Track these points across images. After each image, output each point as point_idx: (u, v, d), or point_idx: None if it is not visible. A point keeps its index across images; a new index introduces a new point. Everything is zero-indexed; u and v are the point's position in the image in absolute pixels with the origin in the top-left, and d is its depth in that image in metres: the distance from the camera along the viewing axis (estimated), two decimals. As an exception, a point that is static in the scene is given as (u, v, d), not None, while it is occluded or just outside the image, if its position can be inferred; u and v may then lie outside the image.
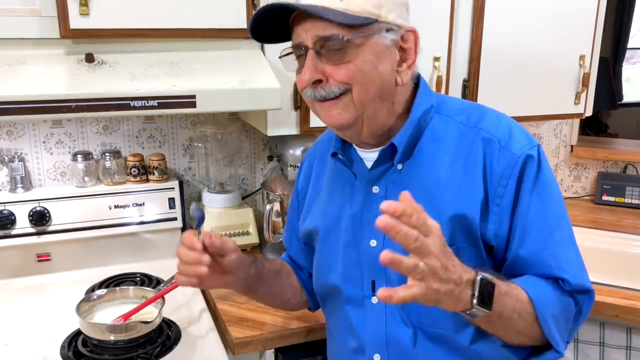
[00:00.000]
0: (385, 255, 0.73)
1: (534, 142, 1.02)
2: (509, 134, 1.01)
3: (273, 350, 1.39)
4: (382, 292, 0.75)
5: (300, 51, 0.98)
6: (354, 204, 1.09)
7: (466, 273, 0.83)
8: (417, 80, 1.07)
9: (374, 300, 1.08)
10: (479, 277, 0.84)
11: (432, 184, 1.01)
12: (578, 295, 1.00)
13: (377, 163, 1.05)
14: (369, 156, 1.07)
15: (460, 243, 0.99)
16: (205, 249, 1.01)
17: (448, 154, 1.02)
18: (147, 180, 1.78)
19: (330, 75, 0.95)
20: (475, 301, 0.83)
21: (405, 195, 0.77)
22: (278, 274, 1.24)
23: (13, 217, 1.60)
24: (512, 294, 0.92)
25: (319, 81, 0.96)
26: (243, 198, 1.95)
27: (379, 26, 0.95)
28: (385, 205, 0.74)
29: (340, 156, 1.10)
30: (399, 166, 1.04)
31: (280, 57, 1.03)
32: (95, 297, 1.38)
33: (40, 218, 1.61)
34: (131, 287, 1.43)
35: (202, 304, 1.51)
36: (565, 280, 0.98)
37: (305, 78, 0.96)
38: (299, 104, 1.58)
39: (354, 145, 1.09)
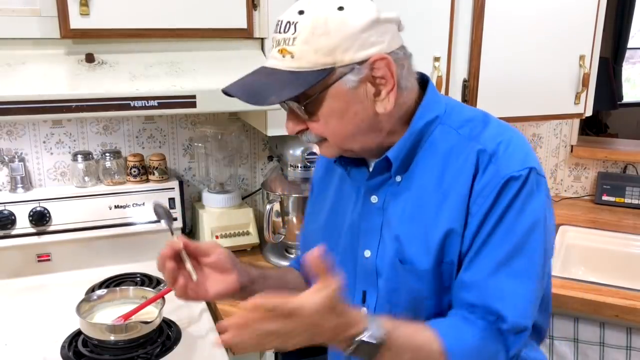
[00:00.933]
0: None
1: (528, 164, 0.94)
2: (504, 150, 0.95)
3: (273, 350, 1.39)
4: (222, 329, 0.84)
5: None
6: (355, 211, 1.08)
7: (350, 329, 0.83)
8: (426, 83, 1.02)
9: (364, 310, 1.06)
10: (357, 339, 0.83)
11: (428, 197, 0.98)
12: (512, 336, 0.93)
13: (373, 173, 1.03)
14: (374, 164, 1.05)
15: (451, 259, 0.96)
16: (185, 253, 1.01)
17: (444, 167, 0.98)
18: (147, 181, 1.78)
19: (308, 126, 0.97)
20: (347, 352, 0.84)
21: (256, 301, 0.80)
22: (285, 273, 1.22)
23: (13, 217, 1.60)
24: (413, 346, 0.88)
25: (301, 130, 0.99)
26: (243, 198, 1.95)
27: (337, 73, 0.90)
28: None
29: (340, 164, 1.08)
30: (398, 178, 1.01)
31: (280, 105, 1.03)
32: (95, 297, 1.38)
33: (40, 218, 1.61)
34: (131, 287, 1.43)
35: (202, 304, 1.50)
36: (503, 316, 0.92)
37: (288, 131, 1.00)
38: (299, 104, 1.58)
39: None
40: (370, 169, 1.05)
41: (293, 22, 0.90)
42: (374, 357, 0.85)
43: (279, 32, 0.91)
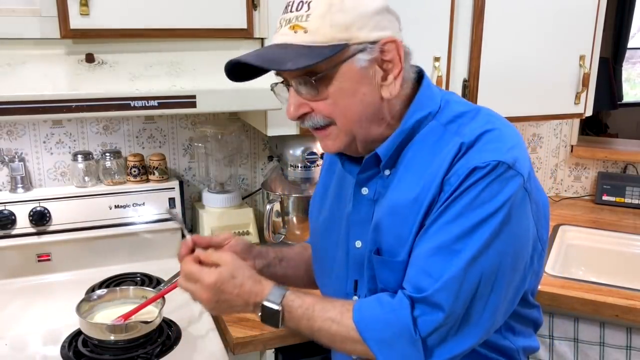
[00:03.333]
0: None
1: (500, 157, 0.92)
2: (482, 141, 0.95)
3: (273, 350, 1.39)
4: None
5: (285, 83, 1.00)
6: (349, 203, 1.10)
7: (255, 297, 0.98)
8: (421, 78, 1.04)
9: (355, 299, 1.09)
10: (263, 303, 0.98)
11: (409, 192, 0.99)
12: (423, 306, 0.93)
13: (364, 168, 1.04)
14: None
15: None
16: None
17: (428, 163, 0.98)
18: (147, 180, 1.78)
19: (314, 107, 0.97)
20: (260, 319, 0.99)
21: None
22: (301, 252, 1.29)
23: (13, 217, 1.60)
24: (324, 317, 0.97)
25: (304, 114, 0.98)
26: (243, 198, 1.95)
27: (350, 50, 0.92)
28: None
29: (337, 155, 1.11)
30: (387, 172, 1.03)
31: (271, 90, 1.04)
32: (95, 297, 1.38)
33: (40, 218, 1.61)
34: (131, 287, 1.43)
35: (202, 304, 1.50)
36: (420, 288, 0.93)
37: (290, 114, 0.99)
38: (299, 104, 1.58)
39: None
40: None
41: (306, 1, 0.92)
42: (279, 323, 0.97)
43: (290, 11, 0.94)
